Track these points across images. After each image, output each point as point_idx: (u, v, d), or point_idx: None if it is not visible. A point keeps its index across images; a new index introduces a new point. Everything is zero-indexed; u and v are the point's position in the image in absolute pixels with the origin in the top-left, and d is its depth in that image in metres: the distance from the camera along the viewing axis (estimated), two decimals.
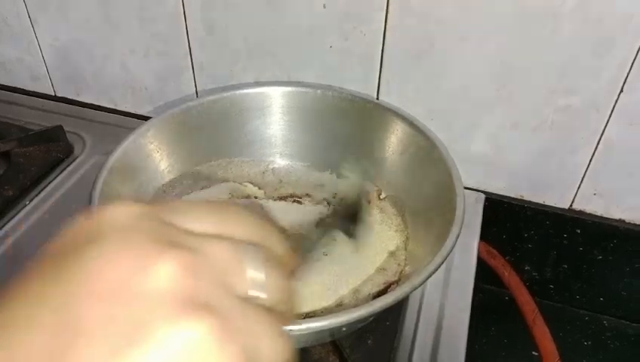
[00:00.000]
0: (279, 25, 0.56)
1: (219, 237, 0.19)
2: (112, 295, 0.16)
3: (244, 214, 0.21)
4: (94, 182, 0.43)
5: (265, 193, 0.55)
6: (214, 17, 0.58)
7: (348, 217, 0.48)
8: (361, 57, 0.55)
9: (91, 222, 0.18)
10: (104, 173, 0.44)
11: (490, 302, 0.57)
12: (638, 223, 0.56)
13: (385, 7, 0.51)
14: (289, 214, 0.51)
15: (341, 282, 0.45)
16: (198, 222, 0.19)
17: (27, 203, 0.57)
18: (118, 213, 0.18)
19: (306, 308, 0.42)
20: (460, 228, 0.40)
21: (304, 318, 0.37)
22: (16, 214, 0.56)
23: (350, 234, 0.47)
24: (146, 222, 0.18)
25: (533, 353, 0.54)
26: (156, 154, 0.50)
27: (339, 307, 0.44)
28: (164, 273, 0.16)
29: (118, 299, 0.16)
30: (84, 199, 0.42)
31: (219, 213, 0.20)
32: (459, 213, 0.41)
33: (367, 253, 0.48)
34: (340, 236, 0.47)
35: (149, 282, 0.16)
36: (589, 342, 0.59)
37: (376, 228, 0.50)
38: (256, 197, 0.53)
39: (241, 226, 0.20)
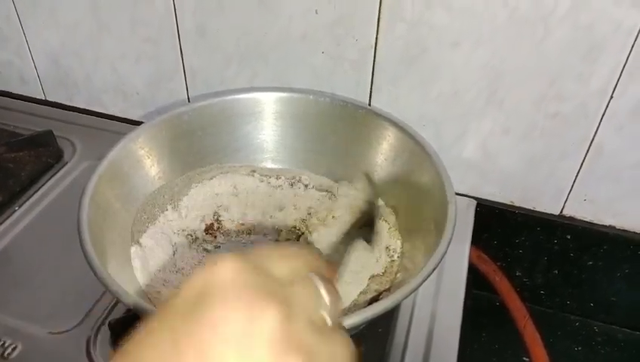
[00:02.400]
0: (271, 30, 0.56)
1: (298, 278, 0.24)
2: (235, 338, 0.20)
3: (301, 252, 0.26)
4: (84, 189, 0.43)
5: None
6: (206, 22, 0.58)
7: (364, 225, 0.48)
8: (353, 63, 0.55)
9: (207, 278, 0.22)
10: (94, 180, 0.44)
11: (481, 308, 0.57)
12: (628, 229, 0.56)
13: (377, 13, 0.51)
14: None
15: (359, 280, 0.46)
16: (278, 266, 0.24)
17: (16, 208, 0.57)
18: (226, 271, 0.22)
19: None
20: (451, 236, 0.40)
21: None
22: (5, 220, 0.56)
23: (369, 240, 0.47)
24: (248, 276, 0.22)
25: (524, 358, 0.54)
26: (147, 160, 0.50)
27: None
28: (270, 322, 0.21)
29: (239, 342, 0.20)
30: (74, 205, 0.42)
31: (287, 256, 0.25)
32: (450, 220, 0.41)
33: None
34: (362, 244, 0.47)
35: (259, 329, 0.21)
36: (580, 348, 0.59)
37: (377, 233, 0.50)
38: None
39: (302, 262, 0.26)
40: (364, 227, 0.46)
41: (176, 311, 0.22)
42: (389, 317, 0.47)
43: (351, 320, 0.34)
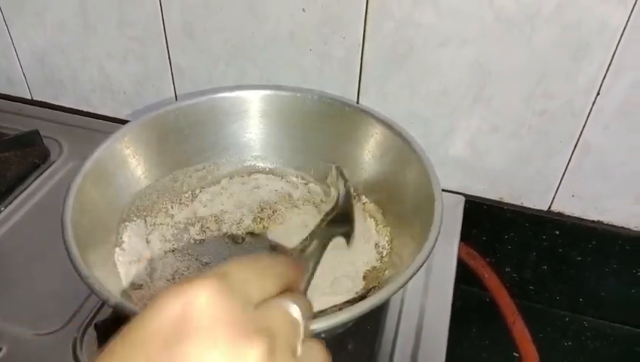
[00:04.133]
0: (259, 28, 0.56)
1: (274, 303, 0.24)
2: None
3: (273, 266, 0.26)
4: (68, 190, 0.42)
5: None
6: (193, 21, 0.58)
7: (341, 222, 0.46)
8: (341, 61, 0.55)
9: (185, 306, 0.21)
10: (78, 180, 0.43)
11: (470, 304, 0.58)
12: (615, 224, 0.56)
13: (364, 12, 0.51)
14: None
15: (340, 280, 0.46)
16: (254, 286, 0.23)
17: (2, 209, 0.56)
18: (204, 299, 0.21)
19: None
20: (438, 233, 0.40)
21: None
22: None
23: (346, 236, 0.45)
24: (227, 305, 0.21)
25: (514, 354, 0.54)
26: (132, 160, 0.50)
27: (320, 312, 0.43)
28: (254, 359, 0.20)
29: None
30: (60, 205, 0.41)
31: (261, 274, 0.24)
32: (437, 217, 0.41)
33: (356, 253, 0.48)
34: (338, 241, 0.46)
35: None
36: (569, 343, 0.60)
37: (362, 229, 0.50)
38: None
39: (276, 278, 0.25)
40: (337, 223, 0.44)
41: (151, 337, 0.20)
42: (377, 314, 0.47)
43: (339, 318, 0.34)
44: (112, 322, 0.44)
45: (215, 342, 0.20)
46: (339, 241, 0.43)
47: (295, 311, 0.24)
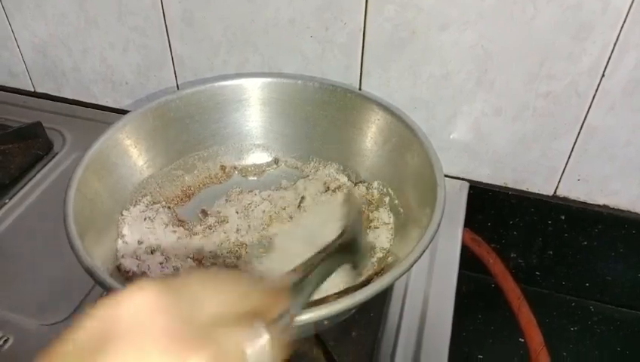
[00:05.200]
0: (259, 15, 0.55)
1: (230, 318, 0.22)
2: None
3: (239, 286, 0.24)
4: (69, 180, 0.42)
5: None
6: (192, 9, 0.57)
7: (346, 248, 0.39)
8: (343, 47, 0.55)
9: (120, 308, 0.20)
10: (79, 171, 0.43)
11: (475, 290, 0.57)
12: (622, 208, 0.56)
13: None
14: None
15: None
16: (208, 301, 0.22)
17: (7, 201, 0.57)
18: (140, 304, 0.20)
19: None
20: (441, 218, 0.40)
21: None
22: None
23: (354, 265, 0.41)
24: (170, 315, 0.20)
25: (520, 339, 0.54)
26: (134, 150, 0.50)
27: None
28: None
29: None
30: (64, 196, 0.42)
31: (222, 290, 0.23)
32: (439, 203, 0.41)
33: None
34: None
35: None
36: (576, 327, 0.59)
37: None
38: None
39: (243, 297, 0.23)
40: (342, 251, 0.37)
41: (80, 348, 0.20)
42: (381, 301, 0.47)
43: (342, 305, 0.34)
44: None
45: (140, 347, 0.19)
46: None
47: (251, 335, 0.22)
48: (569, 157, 0.54)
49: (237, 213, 0.51)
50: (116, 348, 0.19)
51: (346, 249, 0.38)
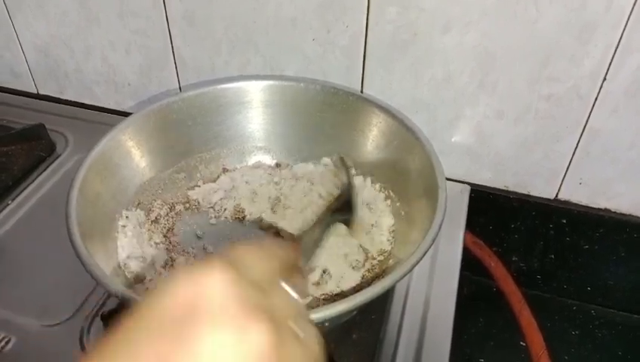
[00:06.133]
0: (261, 16, 0.55)
1: (275, 285, 0.25)
2: (224, 356, 0.21)
3: (274, 250, 0.27)
4: (72, 182, 0.42)
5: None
6: (194, 10, 0.57)
7: (343, 210, 0.47)
8: (344, 49, 0.55)
9: (197, 291, 0.22)
10: (82, 173, 0.43)
11: (477, 293, 0.57)
12: (623, 212, 0.56)
13: None
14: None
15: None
16: (257, 270, 0.25)
17: (9, 202, 0.57)
18: (215, 285, 0.22)
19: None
20: (442, 221, 0.40)
21: None
22: None
23: (348, 223, 0.47)
24: (236, 292, 0.22)
25: (521, 343, 0.54)
26: (136, 151, 0.50)
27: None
28: (257, 338, 0.21)
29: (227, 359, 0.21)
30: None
31: (263, 258, 0.26)
32: (440, 205, 0.41)
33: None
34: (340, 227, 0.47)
35: (247, 345, 0.21)
36: (577, 331, 0.59)
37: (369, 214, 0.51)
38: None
39: (276, 261, 0.27)
40: (338, 211, 0.46)
41: (163, 316, 0.21)
42: (382, 303, 0.47)
43: (343, 306, 0.34)
44: (119, 313, 0.44)
45: (224, 323, 0.21)
46: (341, 229, 0.45)
47: (294, 291, 0.26)
48: (571, 161, 0.54)
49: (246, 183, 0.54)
50: (201, 321, 0.21)
51: (341, 209, 0.46)
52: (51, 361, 0.43)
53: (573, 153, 0.53)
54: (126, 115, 0.67)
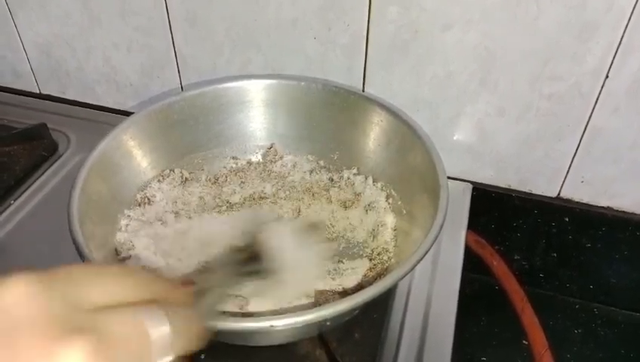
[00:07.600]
0: (262, 16, 0.55)
1: (116, 307, 0.20)
2: None
3: (134, 276, 0.23)
4: (74, 182, 0.42)
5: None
6: (196, 10, 0.57)
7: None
8: (346, 48, 0.55)
9: None
10: (84, 173, 0.43)
11: (479, 292, 0.57)
12: (626, 210, 0.56)
13: None
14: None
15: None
16: (93, 290, 0.20)
17: (12, 202, 0.57)
18: (14, 297, 0.18)
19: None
20: (443, 220, 0.40)
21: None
22: (0, 214, 0.55)
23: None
24: (46, 302, 0.18)
25: (524, 342, 0.54)
26: (137, 151, 0.50)
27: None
28: (73, 359, 0.17)
29: None
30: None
31: (108, 277, 0.22)
32: (442, 204, 0.41)
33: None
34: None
35: None
36: (580, 330, 0.59)
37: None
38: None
39: (130, 284, 0.22)
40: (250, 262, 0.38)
41: None
42: (384, 302, 0.47)
43: (344, 305, 0.34)
44: None
45: (17, 343, 0.18)
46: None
47: (153, 320, 0.21)
48: (573, 159, 0.54)
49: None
50: None
51: (252, 259, 0.38)
52: None
53: (575, 151, 0.53)
54: (128, 114, 0.68)
